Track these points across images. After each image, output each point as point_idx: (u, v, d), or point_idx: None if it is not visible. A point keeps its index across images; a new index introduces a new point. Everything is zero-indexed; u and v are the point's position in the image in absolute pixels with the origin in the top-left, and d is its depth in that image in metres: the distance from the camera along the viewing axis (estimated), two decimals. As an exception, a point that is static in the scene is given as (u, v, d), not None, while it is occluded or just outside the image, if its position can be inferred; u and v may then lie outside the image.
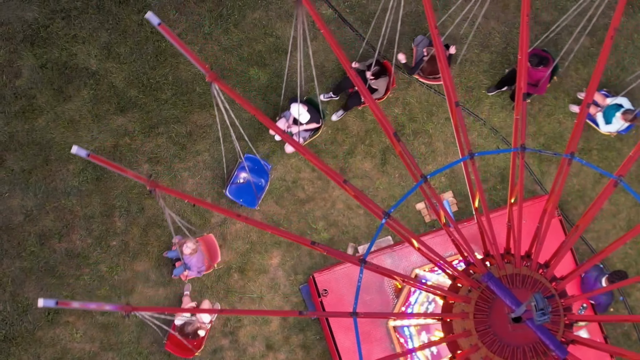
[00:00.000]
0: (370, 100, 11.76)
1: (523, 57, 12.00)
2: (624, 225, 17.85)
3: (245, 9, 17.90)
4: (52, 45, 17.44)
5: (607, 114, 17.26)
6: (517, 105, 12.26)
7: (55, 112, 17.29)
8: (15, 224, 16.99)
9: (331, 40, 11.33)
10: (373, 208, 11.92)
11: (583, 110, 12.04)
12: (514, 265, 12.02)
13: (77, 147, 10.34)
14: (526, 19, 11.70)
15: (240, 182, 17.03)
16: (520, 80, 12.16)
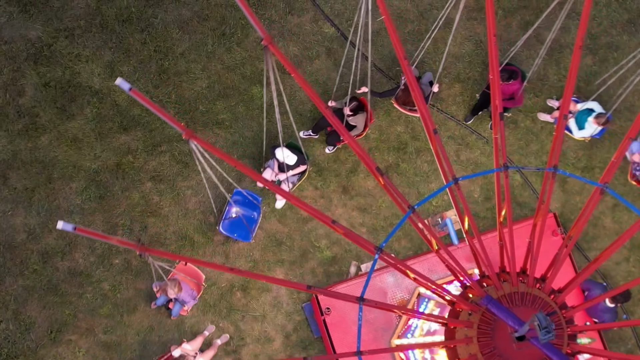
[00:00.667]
0: (348, 137, 11.77)
1: (495, 77, 12.03)
2: (627, 244, 17.81)
3: (248, 27, 17.95)
4: (56, 64, 17.49)
5: (580, 120, 17.25)
6: (494, 125, 12.27)
7: (58, 130, 17.32)
8: (18, 242, 16.99)
9: (303, 83, 11.30)
10: (364, 244, 11.90)
11: (561, 122, 12.08)
12: (511, 284, 12.00)
13: (62, 222, 10.12)
14: (494, 39, 11.75)
15: (233, 217, 16.96)
16: (495, 99, 12.18)
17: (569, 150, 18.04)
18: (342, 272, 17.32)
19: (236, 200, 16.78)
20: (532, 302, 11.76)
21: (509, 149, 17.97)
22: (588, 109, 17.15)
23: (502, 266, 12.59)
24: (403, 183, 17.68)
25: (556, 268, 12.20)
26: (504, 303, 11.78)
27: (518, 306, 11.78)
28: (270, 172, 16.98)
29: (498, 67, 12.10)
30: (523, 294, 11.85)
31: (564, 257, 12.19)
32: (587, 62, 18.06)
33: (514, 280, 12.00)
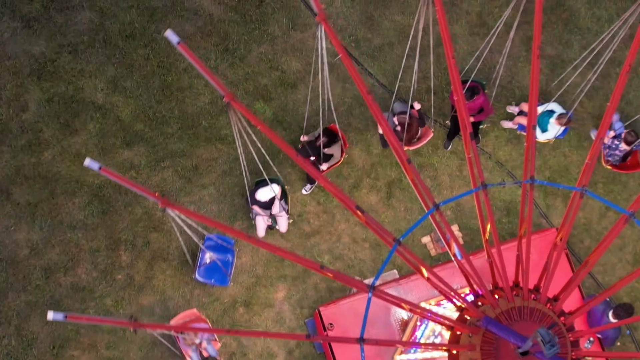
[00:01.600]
0: (321, 179, 11.88)
1: (459, 98, 12.06)
2: (630, 259, 17.81)
3: (251, 43, 17.99)
4: (59, 79, 17.53)
5: (542, 122, 17.26)
6: (466, 146, 12.28)
7: (61, 145, 17.34)
8: (21, 257, 16.99)
9: (270, 133, 11.56)
10: (358, 285, 11.89)
11: (530, 134, 12.11)
12: (522, 298, 11.99)
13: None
14: (453, 61, 11.77)
15: (207, 262, 16.85)
16: (462, 120, 12.21)
17: (571, 165, 18.06)
18: (345, 287, 17.29)
19: (209, 245, 16.67)
20: (540, 319, 11.73)
21: (512, 164, 17.98)
22: (548, 111, 17.18)
23: (494, 283, 12.58)
24: (406, 198, 17.69)
25: (569, 290, 12.18)
26: (503, 320, 11.76)
27: (517, 321, 11.77)
28: (262, 221, 16.94)
29: (461, 89, 12.19)
30: (520, 308, 11.84)
31: (556, 262, 12.16)
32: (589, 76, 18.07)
33: (509, 295, 11.98)
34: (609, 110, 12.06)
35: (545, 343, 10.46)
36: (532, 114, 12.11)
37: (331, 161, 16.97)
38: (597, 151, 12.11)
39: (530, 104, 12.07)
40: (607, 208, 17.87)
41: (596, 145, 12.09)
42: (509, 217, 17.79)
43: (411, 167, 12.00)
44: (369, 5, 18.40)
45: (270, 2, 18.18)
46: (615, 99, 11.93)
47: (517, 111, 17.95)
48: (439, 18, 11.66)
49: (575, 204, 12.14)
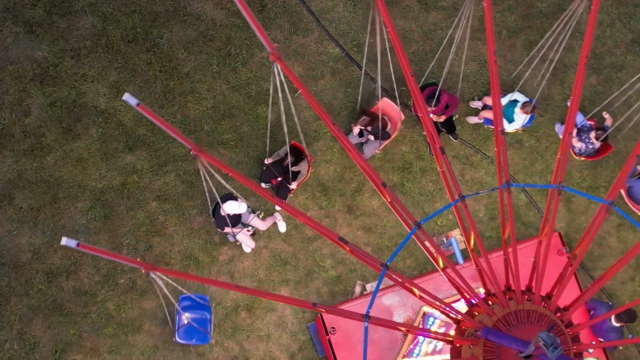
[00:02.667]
0: (286, 206, 11.97)
1: (425, 116, 12.19)
2: (632, 263, 17.80)
3: (253, 47, 18.02)
4: (61, 84, 17.56)
5: (508, 113, 17.26)
6: (438, 160, 12.34)
7: (64, 150, 17.36)
8: (23, 261, 17.00)
9: (235, 173, 11.84)
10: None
11: (565, 140, 12.16)
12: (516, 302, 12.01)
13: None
14: (412, 79, 12.02)
15: (185, 323, 16.64)
16: (431, 135, 12.27)
17: (573, 169, 18.06)
18: (347, 291, 17.32)
19: (185, 306, 16.61)
20: (538, 319, 11.76)
21: (513, 168, 17.99)
22: (512, 101, 17.20)
23: (507, 284, 12.60)
24: (408, 202, 17.69)
25: (562, 285, 12.21)
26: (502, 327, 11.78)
27: (524, 324, 11.79)
28: (243, 236, 16.85)
29: (426, 108, 12.46)
30: (529, 311, 11.86)
31: (570, 275, 12.20)
32: (592, 81, 18.11)
33: (519, 297, 12.01)
34: (573, 104, 12.18)
35: (548, 346, 10.48)
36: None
37: (299, 178, 16.95)
38: (567, 146, 12.23)
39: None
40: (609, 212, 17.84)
41: (565, 141, 12.22)
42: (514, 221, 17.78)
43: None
44: (371, 10, 18.40)
45: (272, 7, 18.22)
46: (578, 92, 12.05)
47: (481, 106, 17.96)
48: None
49: (554, 202, 12.19)
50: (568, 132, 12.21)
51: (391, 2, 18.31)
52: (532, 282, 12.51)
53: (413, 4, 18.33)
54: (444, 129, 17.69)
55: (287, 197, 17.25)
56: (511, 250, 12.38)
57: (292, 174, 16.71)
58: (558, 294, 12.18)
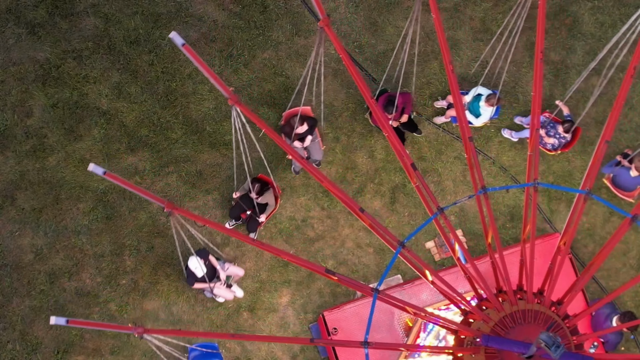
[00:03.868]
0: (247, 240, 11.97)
1: (388, 133, 12.34)
2: (634, 264, 17.81)
3: (255, 49, 18.04)
4: (64, 85, 17.59)
5: (473, 108, 17.28)
6: (410, 177, 12.43)
7: (66, 151, 17.38)
8: (26, 262, 17.02)
9: (213, 225, 11.87)
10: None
11: (533, 137, 12.17)
12: (526, 301, 12.01)
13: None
14: (372, 102, 12.08)
15: None
16: (400, 153, 12.31)
17: (575, 170, 18.09)
18: (349, 292, 17.32)
19: (195, 356, 16.50)
20: (544, 322, 11.76)
21: (516, 169, 18.01)
22: (477, 96, 17.20)
23: (498, 287, 12.60)
24: (410, 203, 17.71)
25: (573, 293, 12.21)
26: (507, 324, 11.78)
27: (521, 324, 11.79)
28: (220, 290, 16.68)
29: (387, 121, 12.52)
30: (524, 311, 11.86)
31: (560, 266, 12.19)
32: (593, 82, 18.09)
33: (530, 297, 12.01)
34: (535, 99, 12.33)
35: (550, 346, 10.49)
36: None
37: (267, 210, 16.88)
38: (536, 142, 12.35)
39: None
40: (611, 213, 17.87)
41: (533, 137, 12.37)
42: (513, 222, 17.80)
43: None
44: (373, 11, 18.45)
45: (274, 9, 18.24)
46: (538, 89, 12.13)
47: (445, 105, 17.96)
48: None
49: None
50: (535, 129, 12.29)
51: (393, 4, 18.33)
52: (544, 286, 12.50)
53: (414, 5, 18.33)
54: (407, 130, 17.68)
55: (256, 230, 17.16)
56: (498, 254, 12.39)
57: (259, 207, 16.69)
58: (568, 301, 12.17)
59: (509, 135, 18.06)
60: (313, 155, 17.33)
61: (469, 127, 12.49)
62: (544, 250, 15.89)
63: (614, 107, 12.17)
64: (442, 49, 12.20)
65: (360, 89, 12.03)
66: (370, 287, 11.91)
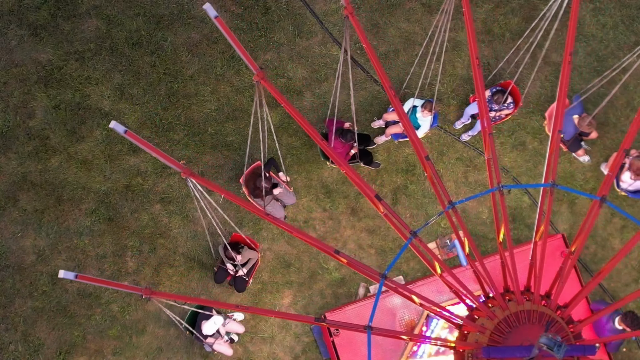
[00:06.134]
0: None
1: (340, 163, 12.49)
2: (635, 265, 17.82)
3: (257, 50, 18.06)
4: (66, 87, 17.62)
5: (412, 120, 17.19)
6: (377, 207, 12.49)
7: (68, 152, 17.41)
8: (28, 263, 17.05)
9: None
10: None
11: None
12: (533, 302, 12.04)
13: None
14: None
15: None
16: (362, 187, 12.32)
17: (576, 172, 18.08)
18: (350, 293, 17.34)
19: None
20: (538, 319, 11.79)
21: (517, 170, 18.00)
22: (412, 108, 17.11)
23: (505, 286, 12.63)
24: (412, 205, 17.72)
25: (578, 299, 12.23)
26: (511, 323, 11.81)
27: (524, 324, 11.82)
28: (220, 346, 16.56)
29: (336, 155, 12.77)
30: (529, 312, 11.89)
31: (569, 271, 12.22)
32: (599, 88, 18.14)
33: (536, 299, 12.04)
34: (480, 100, 12.44)
35: (552, 348, 10.53)
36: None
37: (249, 264, 16.76)
38: (492, 147, 12.49)
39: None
40: (612, 214, 17.86)
41: (487, 142, 12.48)
42: (515, 224, 17.79)
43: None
44: (375, 13, 18.46)
45: (276, 10, 18.26)
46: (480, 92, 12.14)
47: (383, 124, 17.86)
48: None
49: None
50: (488, 134, 12.34)
51: (394, 5, 18.34)
52: (552, 289, 12.53)
53: (417, 6, 18.35)
54: (362, 162, 17.55)
55: (245, 287, 17.02)
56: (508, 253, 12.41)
57: (241, 266, 16.65)
58: (573, 305, 12.19)
59: (466, 138, 18.04)
60: (287, 201, 17.29)
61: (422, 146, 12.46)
62: (547, 252, 15.86)
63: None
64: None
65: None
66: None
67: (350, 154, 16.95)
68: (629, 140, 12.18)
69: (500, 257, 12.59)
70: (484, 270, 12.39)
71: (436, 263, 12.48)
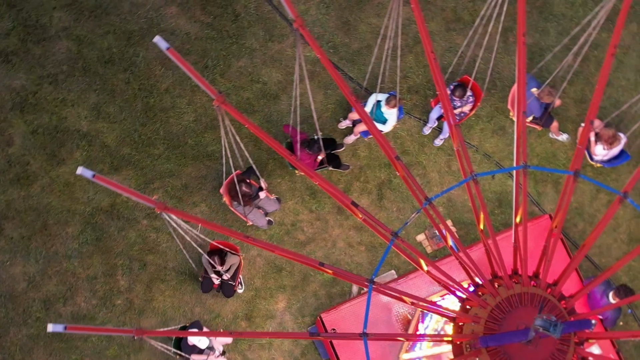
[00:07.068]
0: None
1: (312, 175, 12.35)
2: (625, 239, 17.88)
3: (230, 58, 18.05)
4: (42, 111, 17.56)
5: (378, 116, 17.22)
6: (453, 137, 12.46)
7: (50, 176, 17.35)
8: (19, 291, 16.97)
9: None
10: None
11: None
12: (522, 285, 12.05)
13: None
14: (286, 154, 12.11)
15: None
16: (340, 199, 12.33)
17: (558, 151, 18.14)
18: (344, 292, 17.33)
19: None
20: (530, 300, 11.81)
21: (499, 154, 18.04)
22: (377, 103, 17.11)
23: (493, 272, 12.64)
24: (397, 198, 17.74)
25: (567, 274, 12.24)
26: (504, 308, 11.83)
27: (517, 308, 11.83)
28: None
29: None
30: (520, 294, 11.90)
31: (553, 248, 12.23)
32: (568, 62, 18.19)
33: (507, 282, 12.06)
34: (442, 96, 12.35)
35: (548, 329, 10.55)
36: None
37: (232, 269, 16.62)
38: (461, 138, 12.33)
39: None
40: (597, 190, 17.94)
41: (455, 134, 12.38)
42: (502, 208, 17.84)
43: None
44: (344, 10, 18.49)
45: (245, 16, 18.26)
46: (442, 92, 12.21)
47: (350, 123, 17.85)
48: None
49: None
50: (455, 125, 12.37)
51: (363, 1, 18.39)
52: (539, 268, 12.54)
53: (385, 1, 18.35)
54: (330, 165, 17.52)
55: (233, 292, 16.93)
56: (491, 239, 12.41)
57: (226, 275, 16.61)
58: (563, 281, 12.20)
59: (439, 143, 18.08)
60: (269, 209, 17.25)
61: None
62: (535, 233, 15.89)
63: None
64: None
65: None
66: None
67: (317, 160, 16.94)
68: (593, 111, 12.20)
69: (484, 244, 12.60)
70: (470, 260, 12.39)
71: (421, 260, 12.46)
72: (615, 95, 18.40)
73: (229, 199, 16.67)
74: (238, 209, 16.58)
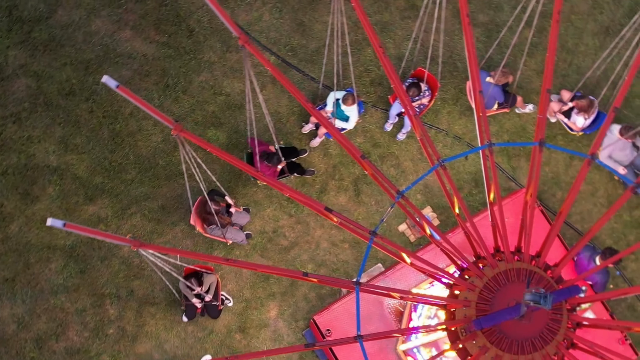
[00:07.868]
0: None
1: (282, 188, 12.45)
2: (604, 202, 17.96)
3: (190, 74, 18.02)
4: (9, 151, 17.45)
5: (340, 114, 17.33)
6: (414, 127, 12.63)
7: (25, 215, 17.25)
8: (9, 334, 16.86)
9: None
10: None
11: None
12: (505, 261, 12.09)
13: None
14: (249, 169, 12.20)
15: None
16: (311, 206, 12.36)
17: (527, 124, 18.21)
18: (334, 291, 17.31)
19: None
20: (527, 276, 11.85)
21: (469, 135, 18.10)
22: (336, 103, 17.19)
23: (475, 253, 12.67)
24: (375, 192, 17.75)
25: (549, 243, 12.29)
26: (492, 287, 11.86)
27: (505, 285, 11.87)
28: None
29: None
30: (519, 270, 11.94)
31: (531, 220, 12.29)
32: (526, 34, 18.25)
33: (508, 256, 12.09)
34: (398, 90, 12.45)
35: (539, 301, 10.59)
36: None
37: (211, 289, 16.55)
38: (422, 128, 12.53)
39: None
40: (571, 158, 18.00)
41: (415, 124, 12.59)
42: (479, 188, 17.87)
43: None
44: (298, 12, 18.49)
45: (200, 30, 18.23)
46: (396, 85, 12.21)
47: (313, 126, 17.88)
48: None
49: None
50: (414, 114, 12.49)
51: (315, 1, 18.37)
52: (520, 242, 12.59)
53: None
54: (292, 175, 17.61)
55: (219, 312, 16.97)
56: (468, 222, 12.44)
57: (207, 297, 16.58)
58: (546, 252, 12.25)
59: (402, 137, 18.12)
60: (242, 222, 17.24)
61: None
62: (515, 208, 15.93)
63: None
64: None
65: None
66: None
67: (278, 169, 16.94)
68: (547, 81, 12.29)
69: (462, 228, 12.66)
70: (451, 245, 12.43)
71: (403, 254, 12.49)
72: (576, 61, 18.49)
73: (201, 225, 16.63)
74: (214, 232, 16.56)
